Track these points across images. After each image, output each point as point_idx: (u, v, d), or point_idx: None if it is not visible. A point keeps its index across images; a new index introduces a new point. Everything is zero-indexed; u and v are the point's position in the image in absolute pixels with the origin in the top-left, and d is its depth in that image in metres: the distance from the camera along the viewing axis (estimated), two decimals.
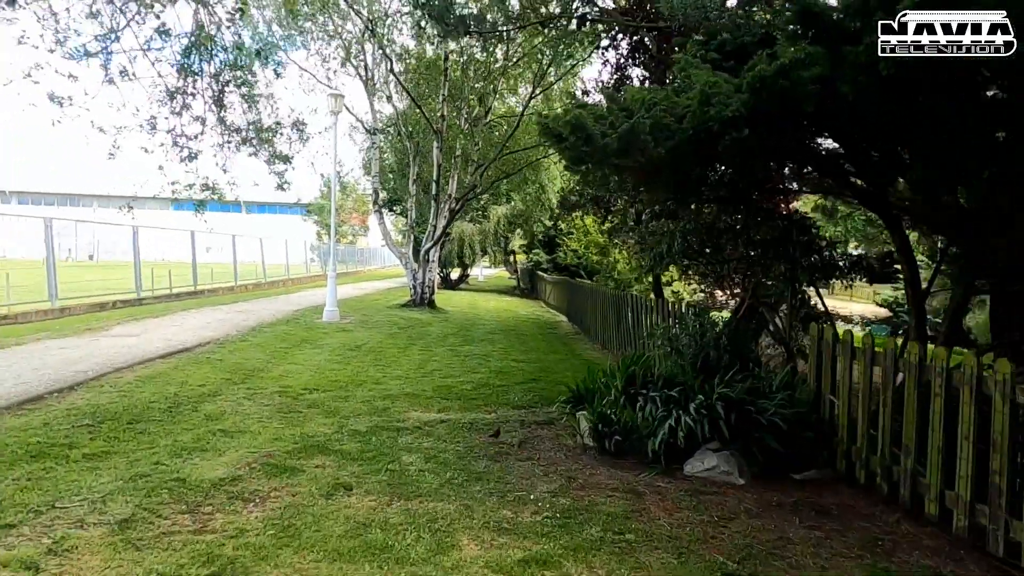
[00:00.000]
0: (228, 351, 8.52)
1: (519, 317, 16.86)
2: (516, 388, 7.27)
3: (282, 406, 5.85)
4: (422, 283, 16.23)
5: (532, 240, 26.86)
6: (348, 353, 9.08)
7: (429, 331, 12.31)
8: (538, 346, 11.18)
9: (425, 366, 8.48)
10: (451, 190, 16.23)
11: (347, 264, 42.38)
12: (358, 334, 11.20)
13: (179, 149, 6.21)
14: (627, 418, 4.95)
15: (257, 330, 10.71)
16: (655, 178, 5.10)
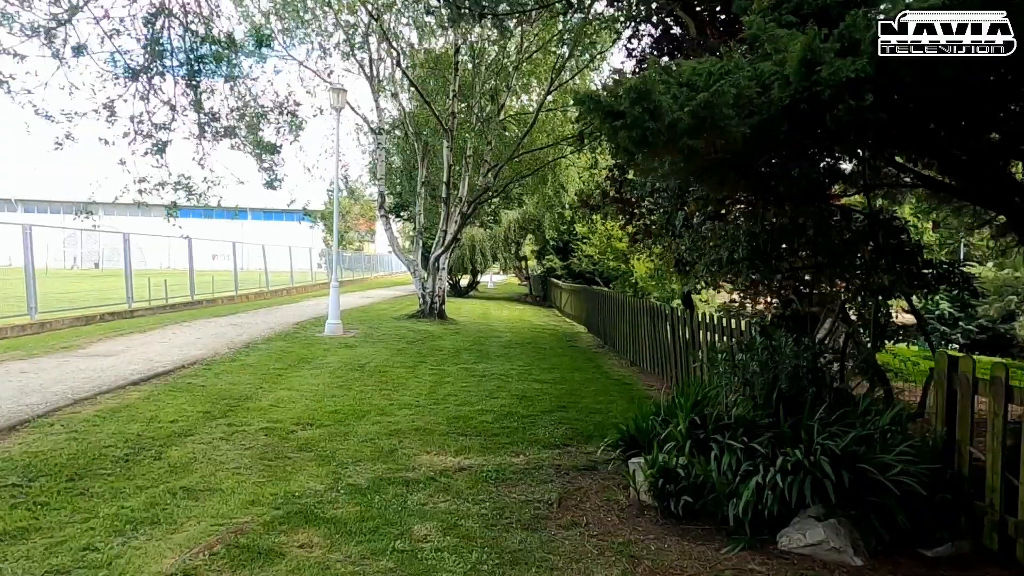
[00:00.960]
0: (214, 374, 7.51)
1: (535, 328, 15.81)
2: (543, 419, 6.21)
3: (267, 449, 4.81)
4: (431, 292, 15.22)
5: (545, 246, 25.84)
6: (350, 375, 8.05)
7: (440, 345, 11.28)
8: (560, 363, 10.12)
9: (437, 390, 7.44)
10: (462, 193, 15.23)
11: (354, 271, 41.54)
12: (362, 350, 10.18)
13: (145, 139, 5.22)
14: (698, 472, 3.88)
15: (251, 347, 9.71)
16: (725, 167, 4.06)
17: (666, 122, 3.64)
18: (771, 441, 3.79)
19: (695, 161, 3.72)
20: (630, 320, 10.20)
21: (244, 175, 7.05)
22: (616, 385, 8.32)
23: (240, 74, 5.54)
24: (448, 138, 13.80)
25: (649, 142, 3.63)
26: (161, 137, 5.26)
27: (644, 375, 9.21)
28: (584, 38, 11.66)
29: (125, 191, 5.61)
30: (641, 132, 3.49)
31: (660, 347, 8.56)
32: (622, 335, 10.81)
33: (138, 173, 5.46)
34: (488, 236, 25.15)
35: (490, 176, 14.30)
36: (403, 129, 17.07)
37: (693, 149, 3.65)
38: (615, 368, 9.90)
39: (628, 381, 8.69)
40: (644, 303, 9.51)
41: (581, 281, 23.19)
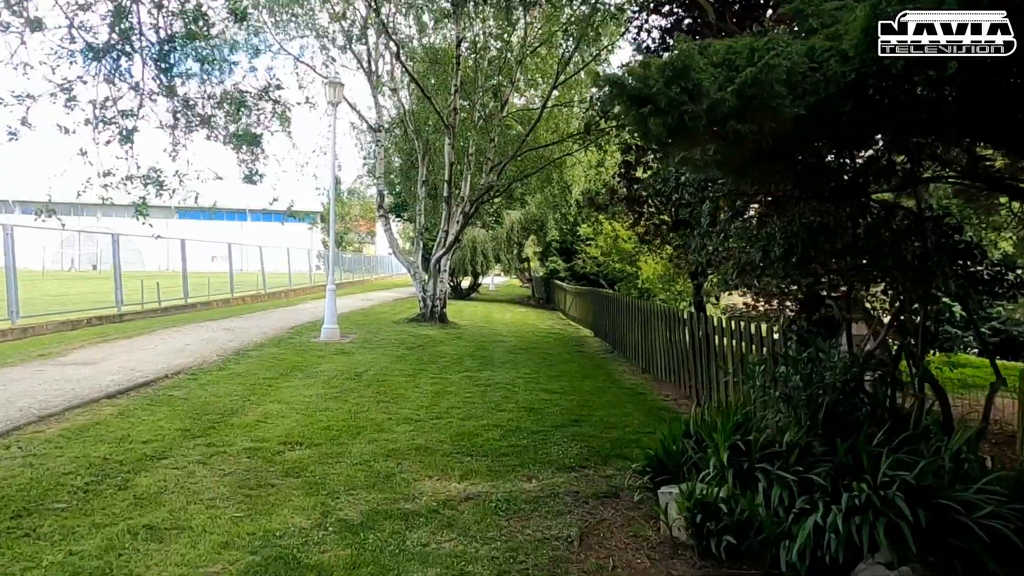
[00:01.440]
0: (199, 385, 6.99)
1: (539, 332, 15.28)
2: (556, 435, 5.68)
3: (249, 475, 4.29)
4: (432, 295, 14.69)
5: (548, 247, 25.32)
6: (346, 384, 7.53)
7: (442, 351, 10.75)
8: (568, 370, 9.60)
9: (439, 401, 6.92)
10: (464, 192, 14.71)
11: (354, 273, 41.06)
12: (360, 357, 9.65)
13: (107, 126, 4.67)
14: (743, 507, 3.35)
15: (242, 354, 9.19)
16: (774, 157, 3.54)
17: (706, 104, 3.13)
18: (830, 473, 3.26)
19: (741, 149, 3.20)
20: (642, 325, 9.67)
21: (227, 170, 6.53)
22: (629, 395, 7.79)
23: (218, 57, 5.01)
24: (450, 135, 13.29)
25: (687, 128, 3.11)
26: (127, 125, 4.72)
27: (658, 383, 8.69)
28: (590, 30, 11.15)
29: (88, 185, 5.09)
30: (677, 117, 2.96)
31: (676, 354, 8.03)
32: (633, 340, 10.29)
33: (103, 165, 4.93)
34: (490, 237, 24.63)
35: (493, 175, 13.79)
36: (403, 127, 16.57)
37: (739, 135, 3.13)
38: (626, 376, 9.38)
39: (641, 390, 8.17)
40: (658, 307, 8.99)
41: (585, 283, 22.68)
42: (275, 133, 5.60)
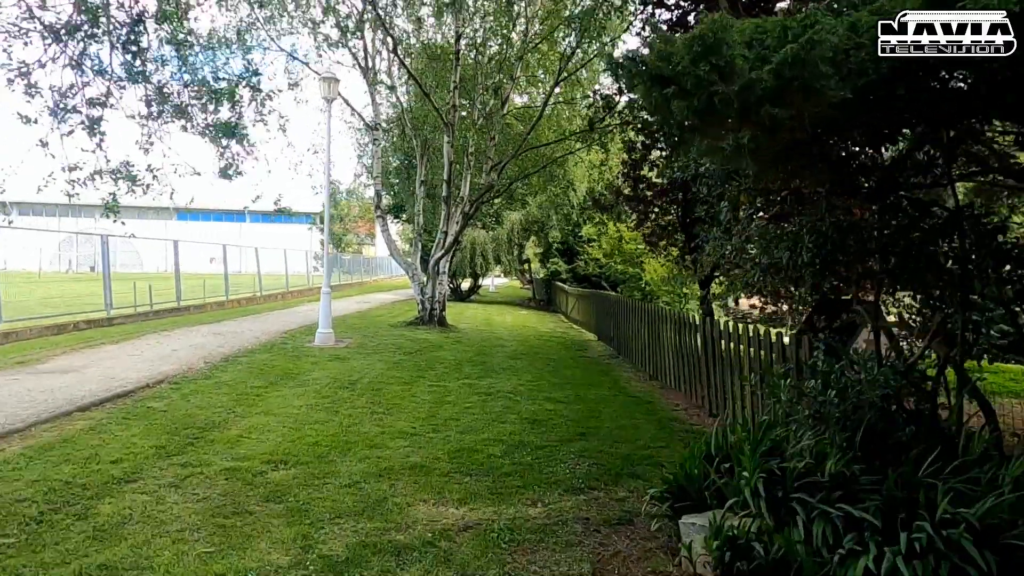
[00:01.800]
0: (181, 396, 6.59)
1: (541, 335, 14.89)
2: (561, 451, 5.28)
3: (225, 501, 3.89)
4: (431, 297, 14.29)
5: (549, 248, 24.93)
6: (339, 394, 7.13)
7: (440, 357, 10.36)
8: (572, 376, 9.20)
9: (437, 412, 6.52)
10: (464, 192, 14.32)
11: (352, 275, 40.67)
12: (355, 363, 9.25)
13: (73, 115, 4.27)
14: (779, 545, 2.95)
15: (231, 360, 8.79)
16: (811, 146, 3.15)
17: (739, 84, 2.73)
18: (883, 507, 2.86)
19: (776, 138, 2.81)
20: (649, 329, 9.27)
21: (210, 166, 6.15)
22: (637, 404, 7.39)
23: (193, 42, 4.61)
24: (449, 133, 12.90)
25: (716, 112, 2.72)
26: (94, 114, 4.32)
27: (666, 391, 8.29)
28: (593, 24, 10.77)
29: (50, 180, 4.69)
30: (705, 99, 2.57)
31: (687, 361, 7.63)
32: (639, 345, 9.89)
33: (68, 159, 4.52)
34: (490, 238, 24.24)
35: (493, 174, 13.40)
36: (400, 125, 16.19)
37: (776, 121, 2.73)
38: (633, 383, 8.98)
39: (650, 399, 7.77)
40: (667, 311, 8.59)
41: (587, 285, 22.30)
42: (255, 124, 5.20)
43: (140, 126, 4.68)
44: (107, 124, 4.45)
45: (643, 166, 12.20)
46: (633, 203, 12.13)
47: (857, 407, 3.77)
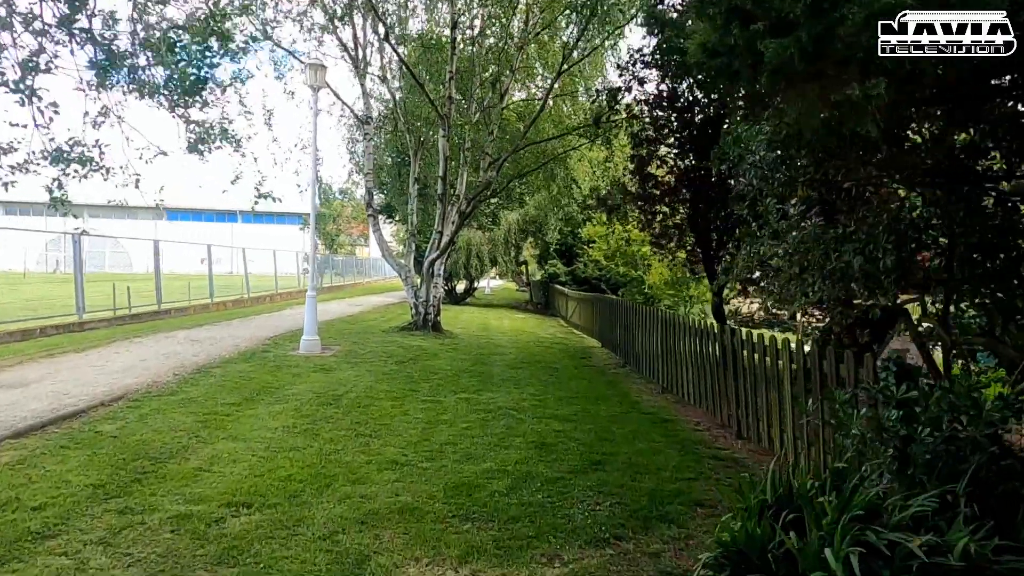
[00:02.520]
0: (140, 415, 5.79)
1: (541, 342, 14.13)
2: (577, 486, 4.53)
3: (165, 564, 3.11)
4: (425, 301, 13.51)
5: (547, 250, 24.19)
6: (321, 412, 6.35)
7: (435, 367, 9.58)
8: (579, 389, 8.44)
9: (431, 434, 5.75)
10: (460, 190, 13.55)
11: (344, 276, 39.82)
12: (341, 374, 8.47)
13: None
14: None
15: (204, 372, 7.99)
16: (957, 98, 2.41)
17: None
18: None
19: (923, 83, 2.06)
20: (662, 338, 8.53)
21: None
22: (654, 424, 6.65)
23: None
24: (444, 127, 12.12)
25: (831, 51, 1.96)
26: (29, 82, 3.53)
27: (682, 407, 7.56)
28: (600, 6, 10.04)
29: None
30: (822, 31, 1.83)
31: (709, 376, 6.89)
32: (650, 355, 9.14)
33: None
34: (487, 239, 23.47)
35: (492, 171, 12.63)
36: (393, 120, 15.42)
37: None
38: (644, 396, 8.23)
39: (666, 416, 7.03)
40: (684, 318, 7.84)
41: (586, 288, 21.59)
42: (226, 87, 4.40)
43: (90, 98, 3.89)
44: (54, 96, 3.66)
45: (651, 162, 11.48)
46: (640, 202, 11.40)
47: (953, 447, 3.04)
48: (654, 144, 11.33)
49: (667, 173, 11.50)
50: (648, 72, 11.12)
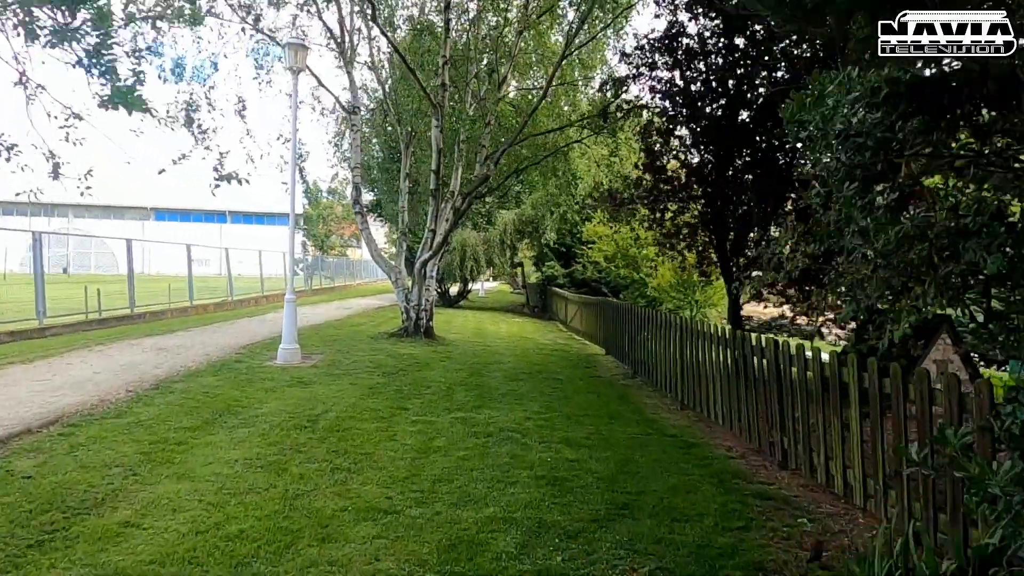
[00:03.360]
0: (70, 446, 4.82)
1: (541, 349, 13.21)
2: (603, 541, 3.62)
3: None
4: (417, 305, 12.56)
5: (544, 251, 23.30)
6: (292, 438, 5.41)
7: (427, 379, 8.65)
8: (588, 404, 7.54)
9: (422, 467, 4.83)
10: (454, 186, 12.62)
11: (335, 279, 38.79)
12: (321, 389, 7.52)
13: None
14: None
15: (162, 388, 7.02)
16: None
17: None
18: None
19: None
20: (680, 348, 7.63)
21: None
22: (680, 449, 5.75)
23: None
24: (437, 116, 11.19)
25: None
26: None
27: (706, 425, 6.69)
28: None
29: None
30: None
31: (743, 394, 5.99)
32: (665, 366, 8.24)
33: None
34: (482, 240, 22.52)
35: (489, 164, 11.70)
36: (382, 112, 14.47)
37: None
38: (662, 413, 7.34)
39: (692, 439, 6.13)
40: (712, 327, 6.94)
41: (586, 290, 20.73)
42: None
43: None
44: None
45: (662, 156, 10.62)
46: (650, 198, 10.53)
47: None
48: (665, 136, 10.48)
49: (679, 167, 10.66)
50: (659, 58, 10.27)
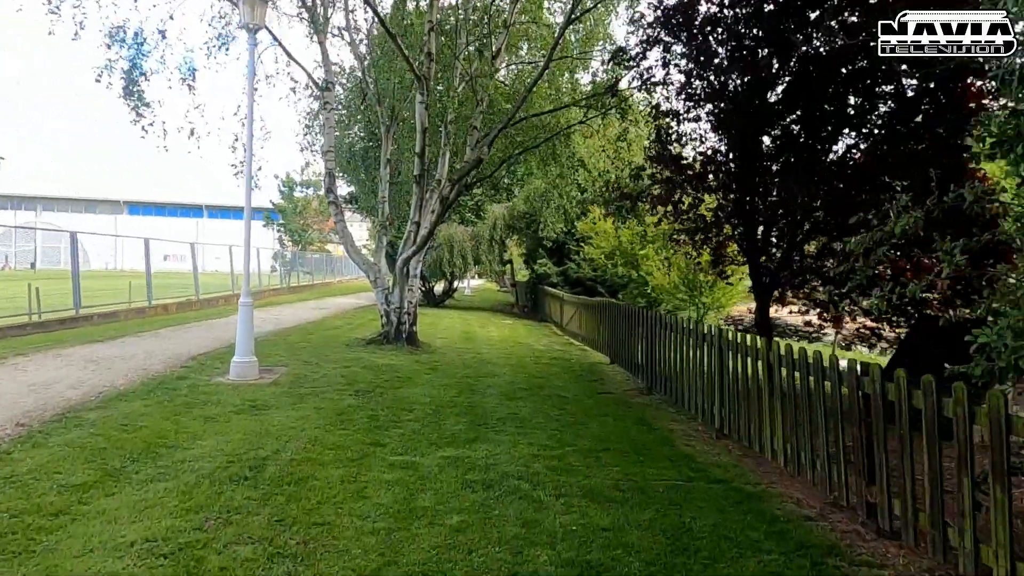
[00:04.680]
0: None
1: (537, 356, 11.80)
2: None
3: None
4: (399, 308, 11.11)
5: (536, 248, 21.90)
6: (222, 500, 3.95)
7: (410, 399, 7.22)
8: (605, 433, 6.17)
9: (400, 549, 3.41)
10: (441, 172, 11.17)
11: (314, 276, 37.12)
12: (276, 416, 6.05)
13: None
14: None
15: (72, 416, 5.51)
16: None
17: None
18: None
19: None
20: (717, 364, 6.29)
21: None
22: (737, 504, 4.39)
23: None
24: (422, 90, 9.72)
25: None
26: None
27: (755, 460, 5.36)
28: None
29: None
30: None
31: (824, 433, 4.66)
32: (695, 383, 6.90)
33: None
34: (469, 235, 21.05)
35: (483, 147, 10.25)
36: (360, 93, 12.96)
37: None
38: (696, 444, 5.99)
39: (748, 486, 4.79)
40: (758, 342, 5.59)
41: (580, 289, 19.39)
42: None
43: None
44: None
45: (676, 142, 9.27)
46: (667, 187, 9.18)
47: None
48: (677, 119, 9.14)
49: (699, 155, 9.33)
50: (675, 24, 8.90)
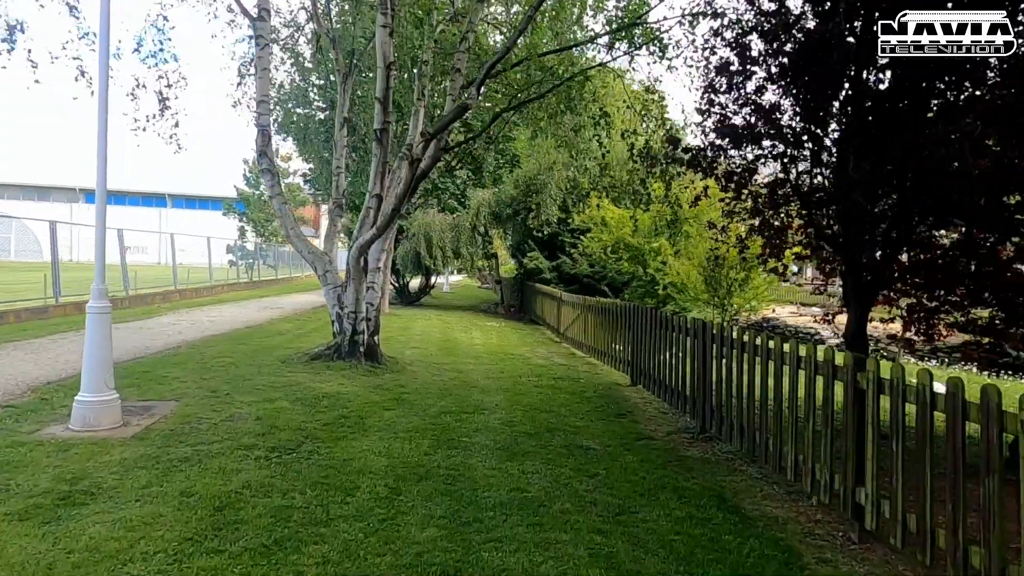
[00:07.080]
0: None
1: (538, 374, 9.11)
2: None
3: None
4: (353, 312, 8.37)
5: (524, 240, 19.27)
6: None
7: (353, 467, 4.53)
8: (685, 543, 3.56)
9: None
10: (413, 134, 8.46)
11: (278, 270, 34.00)
12: (97, 520, 3.32)
13: None
14: None
15: None
16: None
17: None
18: None
19: None
20: (856, 412, 3.71)
21: None
22: None
23: None
24: (385, 7, 6.99)
25: None
26: None
27: None
28: None
29: None
30: None
31: None
32: (786, 427, 4.30)
33: None
34: (449, 225, 18.30)
35: (471, 91, 7.50)
36: (313, 37, 10.16)
37: None
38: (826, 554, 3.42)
39: None
40: None
41: (576, 287, 16.81)
42: None
43: None
44: None
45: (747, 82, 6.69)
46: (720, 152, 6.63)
47: None
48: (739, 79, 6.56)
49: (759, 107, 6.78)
50: None
